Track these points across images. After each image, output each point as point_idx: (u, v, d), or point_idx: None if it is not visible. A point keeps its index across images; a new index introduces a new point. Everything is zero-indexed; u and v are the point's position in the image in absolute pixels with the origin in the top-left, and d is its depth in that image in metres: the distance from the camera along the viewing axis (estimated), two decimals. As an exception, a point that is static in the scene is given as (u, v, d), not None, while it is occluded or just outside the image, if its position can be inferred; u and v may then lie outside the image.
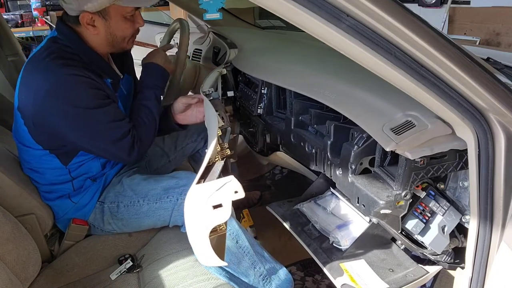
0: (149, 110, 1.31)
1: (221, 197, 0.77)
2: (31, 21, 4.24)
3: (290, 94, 1.31)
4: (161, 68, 1.40)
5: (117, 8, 1.19)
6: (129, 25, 1.25)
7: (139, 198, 1.28)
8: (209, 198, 0.77)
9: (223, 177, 0.80)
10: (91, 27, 1.19)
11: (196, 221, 0.78)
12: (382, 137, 0.86)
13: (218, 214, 0.76)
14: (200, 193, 0.79)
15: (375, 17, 0.64)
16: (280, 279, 1.23)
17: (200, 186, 0.80)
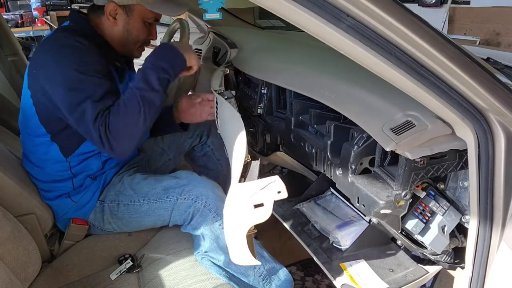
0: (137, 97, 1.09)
1: (264, 197, 0.77)
2: (31, 21, 4.24)
3: (290, 94, 1.31)
4: (176, 50, 1.18)
5: (141, 9, 1.26)
6: (145, 31, 1.30)
7: (139, 197, 1.28)
8: (251, 197, 0.77)
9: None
10: (112, 18, 1.25)
11: (236, 219, 0.78)
12: (382, 137, 0.86)
13: (258, 214, 0.77)
14: (242, 191, 0.79)
15: (375, 17, 0.64)
16: (280, 279, 1.23)
17: (243, 185, 0.81)
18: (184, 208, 1.23)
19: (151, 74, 1.10)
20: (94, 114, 1.06)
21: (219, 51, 1.90)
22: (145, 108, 1.08)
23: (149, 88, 1.09)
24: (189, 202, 1.22)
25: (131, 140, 1.10)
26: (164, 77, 1.12)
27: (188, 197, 1.23)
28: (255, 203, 0.77)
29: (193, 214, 1.22)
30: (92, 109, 1.06)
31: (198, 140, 1.69)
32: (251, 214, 0.77)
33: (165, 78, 1.12)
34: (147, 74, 1.10)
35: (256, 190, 0.77)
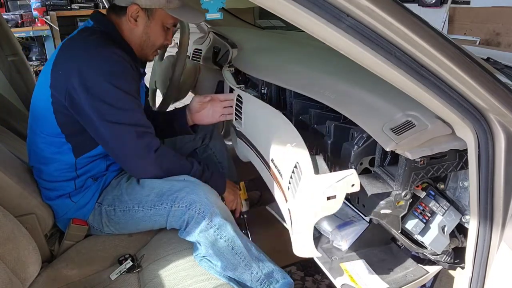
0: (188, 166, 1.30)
1: (338, 189, 0.79)
2: (31, 21, 4.24)
3: (290, 94, 1.31)
4: (223, 186, 1.39)
5: (163, 14, 1.27)
6: (163, 35, 1.31)
7: (134, 204, 1.27)
8: (326, 189, 0.78)
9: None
10: (133, 20, 1.25)
11: (307, 210, 0.79)
12: (382, 137, 0.86)
13: (330, 205, 0.78)
14: (319, 183, 0.80)
15: (375, 17, 0.64)
16: (279, 283, 1.22)
17: (320, 177, 0.82)
18: (179, 215, 1.21)
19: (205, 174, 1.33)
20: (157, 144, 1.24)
21: (219, 51, 1.90)
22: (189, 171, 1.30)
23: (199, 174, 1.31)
24: (183, 209, 1.20)
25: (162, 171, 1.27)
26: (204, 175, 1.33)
27: (182, 204, 1.20)
28: (329, 194, 0.78)
29: (188, 221, 1.20)
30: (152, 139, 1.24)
31: (200, 142, 1.68)
32: (323, 205, 0.77)
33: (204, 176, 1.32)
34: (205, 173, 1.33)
35: (332, 182, 0.78)
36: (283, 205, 1.00)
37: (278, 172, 1.00)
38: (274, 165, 1.03)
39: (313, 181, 0.81)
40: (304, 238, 0.79)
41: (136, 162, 1.24)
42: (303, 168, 0.86)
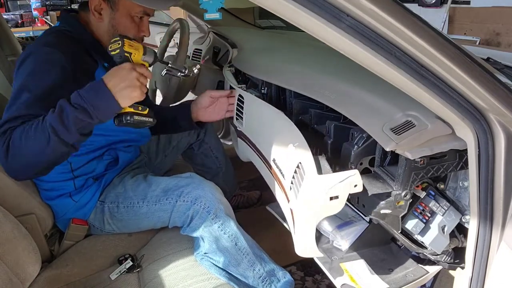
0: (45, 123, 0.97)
1: (340, 189, 0.79)
2: (31, 21, 4.25)
3: (290, 94, 1.31)
4: (104, 88, 0.98)
5: (126, 3, 1.21)
6: (133, 26, 1.25)
7: (138, 200, 1.28)
8: (329, 189, 0.79)
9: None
10: (97, 13, 1.22)
11: (310, 210, 0.79)
12: (382, 137, 0.86)
13: (333, 205, 0.78)
14: (322, 183, 0.80)
15: (375, 17, 0.64)
16: (280, 281, 1.23)
17: (323, 177, 0.82)
18: (183, 210, 1.23)
19: (70, 112, 0.96)
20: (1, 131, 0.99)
21: (219, 51, 1.90)
22: (52, 144, 0.97)
23: (63, 126, 0.96)
24: (188, 204, 1.22)
25: (26, 165, 1.00)
26: (82, 119, 0.97)
27: (187, 199, 1.22)
28: (332, 195, 0.78)
29: (192, 216, 1.22)
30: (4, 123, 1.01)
31: (195, 137, 1.69)
32: (326, 205, 0.77)
33: (85, 121, 0.98)
34: (65, 111, 0.97)
35: (335, 183, 0.78)
36: (285, 205, 1.00)
37: (280, 172, 1.00)
38: (275, 165, 1.03)
39: (316, 181, 0.81)
40: (307, 238, 0.80)
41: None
42: (306, 168, 0.86)
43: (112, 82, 0.98)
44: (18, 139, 0.97)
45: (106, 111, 1.00)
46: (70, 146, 1.00)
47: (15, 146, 0.97)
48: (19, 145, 0.97)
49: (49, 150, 0.98)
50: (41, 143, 0.97)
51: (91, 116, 0.97)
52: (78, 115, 0.96)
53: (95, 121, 0.99)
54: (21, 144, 0.97)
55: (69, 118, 0.96)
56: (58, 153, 1.01)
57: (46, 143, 0.97)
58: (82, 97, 0.97)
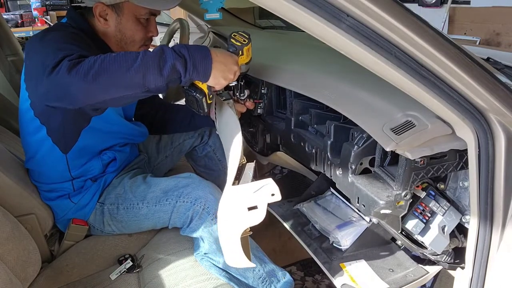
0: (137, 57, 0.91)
1: (258, 199, 0.77)
2: (31, 21, 4.25)
3: (290, 94, 1.31)
4: (209, 56, 0.96)
5: (132, 6, 1.19)
6: (140, 28, 1.24)
7: (138, 201, 1.27)
8: (245, 200, 0.77)
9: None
10: (102, 19, 1.20)
11: (230, 222, 0.78)
12: (382, 137, 0.86)
13: (252, 216, 0.76)
14: (236, 194, 0.79)
15: (375, 17, 0.64)
16: (280, 282, 1.23)
17: (236, 188, 0.80)
18: (183, 211, 1.23)
19: (171, 56, 0.92)
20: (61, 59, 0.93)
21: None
22: (139, 69, 0.90)
23: (158, 66, 0.91)
24: (188, 205, 1.22)
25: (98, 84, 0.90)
26: (178, 70, 0.93)
27: (187, 200, 1.22)
28: (249, 205, 0.77)
29: (192, 217, 1.22)
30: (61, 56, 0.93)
31: (200, 140, 1.68)
32: (245, 216, 0.77)
33: (178, 72, 0.93)
34: (165, 53, 0.92)
35: (250, 193, 0.77)
36: None
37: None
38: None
39: (231, 192, 0.79)
40: (233, 250, 0.79)
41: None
42: (228, 178, 0.85)
43: (218, 58, 0.98)
44: (92, 61, 0.91)
45: (199, 75, 0.97)
46: (145, 90, 0.93)
47: (87, 65, 0.90)
48: (92, 65, 0.90)
49: (127, 82, 0.91)
50: (123, 73, 0.90)
51: (186, 71, 0.93)
52: (176, 62, 0.92)
53: (185, 79, 0.95)
54: (95, 65, 0.90)
55: (167, 61, 0.91)
56: (132, 92, 0.93)
57: (129, 75, 0.90)
58: (188, 50, 0.94)
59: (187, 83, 0.98)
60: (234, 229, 0.77)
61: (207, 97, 1.07)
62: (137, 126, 1.42)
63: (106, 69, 0.90)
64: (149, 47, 1.32)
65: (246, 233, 0.82)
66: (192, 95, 1.06)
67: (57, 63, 0.92)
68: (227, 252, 0.80)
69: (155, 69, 0.91)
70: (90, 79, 0.89)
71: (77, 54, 0.95)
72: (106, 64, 0.90)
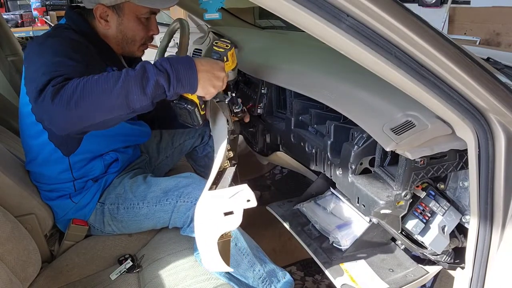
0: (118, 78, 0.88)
1: (233, 205, 0.77)
2: (31, 21, 4.25)
3: (290, 94, 1.31)
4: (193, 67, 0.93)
5: (132, 6, 1.19)
6: (141, 28, 1.24)
7: (138, 201, 1.27)
8: (221, 205, 0.77)
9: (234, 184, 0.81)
10: (103, 21, 1.20)
11: (206, 227, 0.78)
12: (382, 137, 0.86)
13: (228, 221, 0.77)
14: (212, 199, 0.79)
15: (375, 17, 0.64)
16: (280, 282, 1.23)
17: (212, 193, 0.80)
18: (184, 211, 1.23)
19: (153, 74, 0.89)
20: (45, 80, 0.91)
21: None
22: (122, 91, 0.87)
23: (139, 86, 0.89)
24: (188, 204, 1.22)
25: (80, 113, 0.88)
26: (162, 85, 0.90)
27: (188, 200, 1.22)
28: (225, 210, 0.77)
29: (192, 217, 1.22)
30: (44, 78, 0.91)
31: (200, 140, 1.68)
32: (221, 221, 0.77)
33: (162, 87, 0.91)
34: (148, 71, 0.90)
35: (225, 198, 0.77)
36: None
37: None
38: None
39: (206, 197, 0.80)
40: (209, 254, 0.79)
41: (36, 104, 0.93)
42: (207, 182, 0.85)
43: (204, 67, 0.94)
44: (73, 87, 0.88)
45: (184, 88, 0.94)
46: (131, 111, 0.91)
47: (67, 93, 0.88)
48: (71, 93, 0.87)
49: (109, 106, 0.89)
50: (105, 97, 0.88)
51: (170, 85, 0.90)
52: (160, 79, 0.89)
53: (169, 93, 0.92)
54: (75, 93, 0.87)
55: (150, 79, 0.88)
56: (114, 115, 0.91)
57: (111, 98, 0.88)
58: (170, 64, 0.90)
59: (173, 96, 0.94)
60: (211, 233, 0.77)
61: (199, 108, 1.04)
62: (140, 126, 1.43)
63: (88, 93, 0.88)
64: (147, 46, 1.33)
65: (227, 237, 0.82)
66: (183, 107, 1.02)
67: (43, 87, 0.90)
68: (204, 255, 0.80)
69: (138, 89, 0.88)
70: (72, 107, 0.87)
71: (62, 77, 0.92)
72: (88, 88, 0.88)
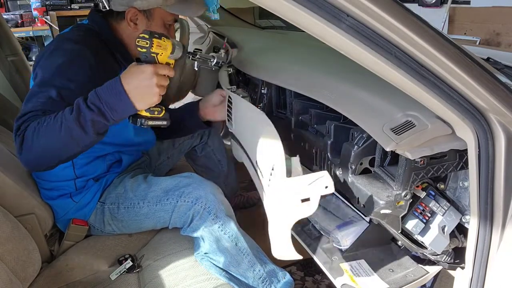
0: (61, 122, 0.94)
1: (311, 191, 0.78)
2: (31, 21, 4.24)
3: (290, 94, 1.31)
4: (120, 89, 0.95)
5: (162, 13, 1.24)
6: (166, 33, 1.25)
7: (139, 200, 1.28)
8: (299, 192, 0.78)
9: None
10: (132, 24, 1.24)
11: (282, 214, 0.78)
12: (382, 137, 0.86)
13: (304, 208, 0.77)
14: (291, 186, 0.79)
15: (375, 17, 0.64)
16: (280, 282, 1.23)
17: (291, 180, 0.81)
18: (184, 211, 1.23)
19: (87, 114, 0.94)
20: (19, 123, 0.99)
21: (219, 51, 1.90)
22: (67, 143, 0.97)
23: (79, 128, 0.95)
24: (189, 204, 1.22)
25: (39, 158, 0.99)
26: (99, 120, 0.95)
27: (188, 200, 1.22)
28: (302, 197, 0.78)
29: (193, 217, 1.22)
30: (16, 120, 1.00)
31: (199, 140, 1.69)
32: (298, 208, 0.77)
33: (100, 122, 0.96)
34: (82, 113, 0.94)
35: (304, 185, 0.78)
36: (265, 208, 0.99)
37: (261, 174, 0.99)
38: (258, 167, 1.02)
39: (284, 184, 0.80)
40: (282, 242, 0.79)
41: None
42: (276, 171, 0.85)
43: (130, 85, 0.95)
44: (31, 135, 0.95)
45: (122, 114, 0.97)
46: (83, 146, 0.99)
47: (27, 141, 0.96)
48: (31, 141, 0.95)
49: (63, 148, 0.97)
50: (56, 142, 0.96)
51: (107, 117, 0.95)
52: (94, 117, 0.94)
53: (110, 122, 0.97)
54: (33, 140, 0.95)
55: (86, 120, 0.94)
56: (72, 153, 1.00)
57: (61, 142, 0.96)
58: (99, 97, 0.94)
59: (117, 122, 0.98)
60: (286, 220, 0.78)
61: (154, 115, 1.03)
62: (146, 135, 1.44)
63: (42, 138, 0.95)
64: None
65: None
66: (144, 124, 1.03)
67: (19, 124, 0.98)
68: (275, 244, 0.80)
69: (79, 129, 0.94)
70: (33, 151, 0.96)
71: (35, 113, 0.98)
72: (42, 133, 0.95)
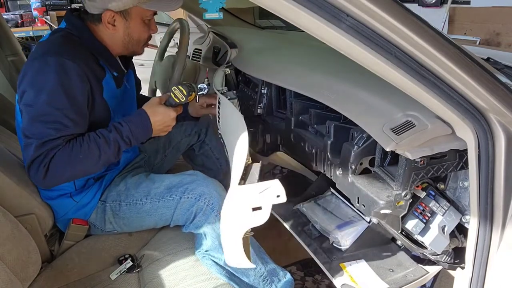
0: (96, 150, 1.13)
1: (262, 200, 0.77)
2: (31, 21, 4.25)
3: (290, 94, 1.31)
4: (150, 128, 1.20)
5: (139, 10, 1.23)
6: (146, 29, 1.28)
7: (141, 197, 1.28)
8: (250, 200, 0.77)
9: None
10: (110, 26, 1.22)
11: (233, 222, 0.78)
12: (382, 137, 0.86)
13: (256, 217, 0.77)
14: (241, 194, 0.79)
15: (375, 17, 0.64)
16: (280, 281, 1.23)
17: (242, 188, 0.80)
18: (187, 207, 1.23)
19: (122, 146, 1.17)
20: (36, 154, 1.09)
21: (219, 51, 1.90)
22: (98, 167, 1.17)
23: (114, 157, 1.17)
24: (192, 200, 1.22)
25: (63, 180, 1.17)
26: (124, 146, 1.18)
27: (192, 196, 1.23)
28: (253, 206, 0.77)
29: (196, 213, 1.22)
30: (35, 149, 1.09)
31: (196, 138, 1.69)
32: (249, 217, 0.77)
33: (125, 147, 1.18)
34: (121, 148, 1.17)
35: (255, 193, 0.77)
36: None
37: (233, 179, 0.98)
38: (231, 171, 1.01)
39: (236, 192, 0.79)
40: (234, 249, 0.78)
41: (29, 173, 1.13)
42: (233, 177, 0.84)
43: (157, 122, 1.20)
44: (61, 165, 1.10)
45: (142, 140, 1.24)
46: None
47: (55, 169, 1.10)
48: (62, 169, 1.11)
49: (89, 172, 1.22)
50: (88, 169, 1.18)
51: (131, 145, 1.19)
52: (126, 147, 1.18)
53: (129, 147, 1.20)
54: (65, 169, 1.11)
55: (120, 150, 1.18)
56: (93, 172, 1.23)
57: (93, 169, 1.18)
58: (131, 132, 1.17)
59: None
60: (237, 229, 0.77)
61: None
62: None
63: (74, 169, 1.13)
64: (148, 45, 1.36)
65: (248, 233, 0.82)
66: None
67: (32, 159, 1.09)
68: (228, 252, 0.80)
69: (113, 158, 1.18)
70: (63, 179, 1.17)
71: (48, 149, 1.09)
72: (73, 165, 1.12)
